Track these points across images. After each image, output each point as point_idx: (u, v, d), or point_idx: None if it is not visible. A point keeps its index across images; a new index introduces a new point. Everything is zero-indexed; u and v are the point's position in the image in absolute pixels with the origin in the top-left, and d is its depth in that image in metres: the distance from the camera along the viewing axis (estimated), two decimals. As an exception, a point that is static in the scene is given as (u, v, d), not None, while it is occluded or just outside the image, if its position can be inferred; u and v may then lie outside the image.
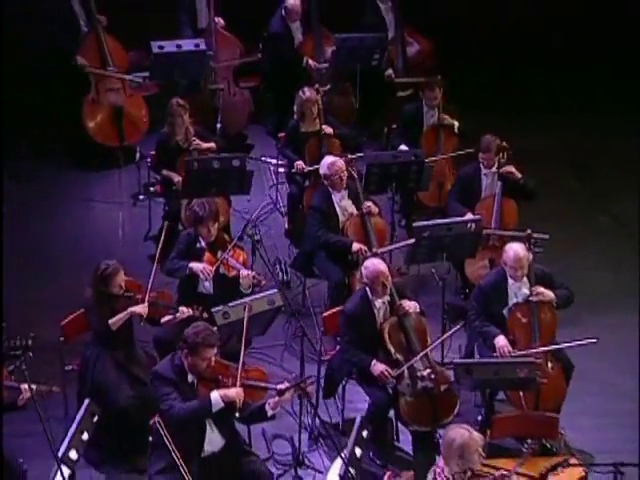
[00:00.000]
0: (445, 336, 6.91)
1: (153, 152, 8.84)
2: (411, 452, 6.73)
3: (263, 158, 9.43)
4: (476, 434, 5.41)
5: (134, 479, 6.53)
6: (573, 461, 6.07)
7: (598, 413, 7.20)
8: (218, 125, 9.28)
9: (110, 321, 6.56)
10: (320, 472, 6.76)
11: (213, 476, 6.01)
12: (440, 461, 5.43)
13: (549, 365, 6.65)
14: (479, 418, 6.74)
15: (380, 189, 8.33)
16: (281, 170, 9.35)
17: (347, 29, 9.87)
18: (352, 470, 5.37)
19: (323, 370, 7.15)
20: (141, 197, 8.92)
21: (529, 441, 6.16)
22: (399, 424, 6.88)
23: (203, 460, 5.90)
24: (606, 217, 9.61)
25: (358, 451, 5.50)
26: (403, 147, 8.82)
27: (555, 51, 12.06)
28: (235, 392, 5.82)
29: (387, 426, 6.79)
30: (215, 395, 5.77)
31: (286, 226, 9.08)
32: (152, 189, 8.72)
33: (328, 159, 7.94)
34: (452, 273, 8.15)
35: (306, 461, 6.68)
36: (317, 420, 6.96)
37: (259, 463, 6.22)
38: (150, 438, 6.02)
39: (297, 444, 6.72)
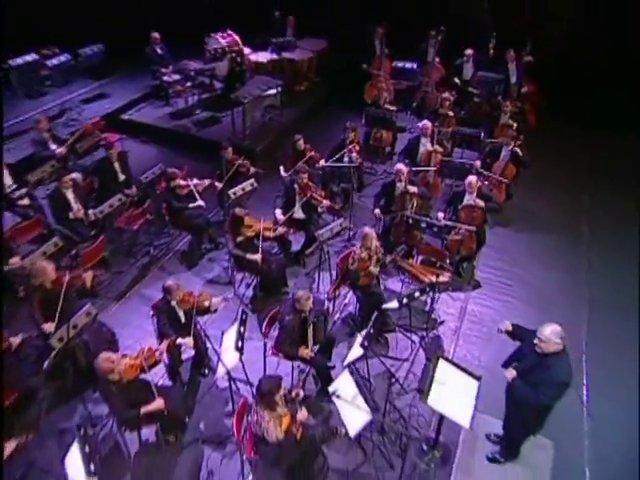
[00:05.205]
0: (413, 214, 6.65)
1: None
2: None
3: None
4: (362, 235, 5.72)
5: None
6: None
7: (496, 267, 7.00)
8: (414, 104, 9.54)
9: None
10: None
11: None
12: None
13: (472, 235, 6.57)
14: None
15: (459, 145, 8.30)
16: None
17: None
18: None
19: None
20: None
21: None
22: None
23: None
24: (587, 197, 8.37)
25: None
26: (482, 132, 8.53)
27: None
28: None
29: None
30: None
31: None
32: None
33: (422, 121, 7.95)
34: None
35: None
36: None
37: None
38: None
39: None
